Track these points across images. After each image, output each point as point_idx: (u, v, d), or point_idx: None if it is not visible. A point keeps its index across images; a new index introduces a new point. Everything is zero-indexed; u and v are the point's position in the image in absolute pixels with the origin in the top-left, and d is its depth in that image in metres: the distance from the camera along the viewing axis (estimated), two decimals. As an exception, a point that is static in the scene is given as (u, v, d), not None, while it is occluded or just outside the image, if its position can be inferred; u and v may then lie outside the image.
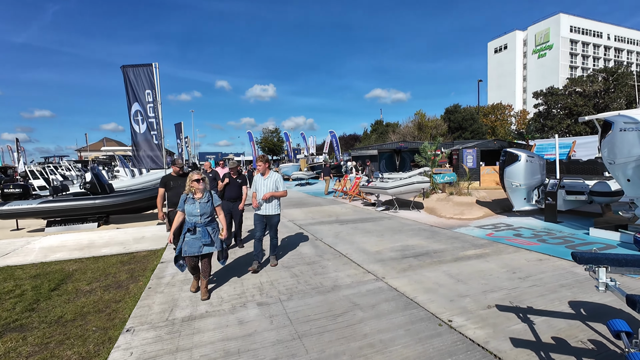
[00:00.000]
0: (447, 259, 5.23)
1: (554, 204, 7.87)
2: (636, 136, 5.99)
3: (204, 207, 3.88)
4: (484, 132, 34.34)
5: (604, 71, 22.96)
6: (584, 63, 71.27)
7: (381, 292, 4.01)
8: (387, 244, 6.30)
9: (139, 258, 5.82)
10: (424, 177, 9.99)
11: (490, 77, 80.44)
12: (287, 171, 26.36)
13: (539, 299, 3.69)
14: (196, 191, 3.89)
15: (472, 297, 3.79)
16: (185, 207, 3.89)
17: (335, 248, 6.07)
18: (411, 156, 20.98)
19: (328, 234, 7.30)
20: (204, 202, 3.90)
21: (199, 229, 3.84)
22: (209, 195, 4.00)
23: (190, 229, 3.82)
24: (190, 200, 3.88)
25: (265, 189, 4.89)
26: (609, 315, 3.27)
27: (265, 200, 4.84)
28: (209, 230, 3.89)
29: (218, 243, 3.97)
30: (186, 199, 3.90)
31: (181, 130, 19.84)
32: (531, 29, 74.45)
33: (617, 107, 20.11)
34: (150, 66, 8.63)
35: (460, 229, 7.42)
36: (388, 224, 8.28)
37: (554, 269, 4.65)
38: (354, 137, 57.45)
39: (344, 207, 11.38)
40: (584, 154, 14.11)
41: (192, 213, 3.83)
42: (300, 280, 4.51)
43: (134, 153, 9.22)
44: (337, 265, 5.12)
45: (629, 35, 75.55)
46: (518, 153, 8.27)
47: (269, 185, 4.90)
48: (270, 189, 4.89)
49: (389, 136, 36.91)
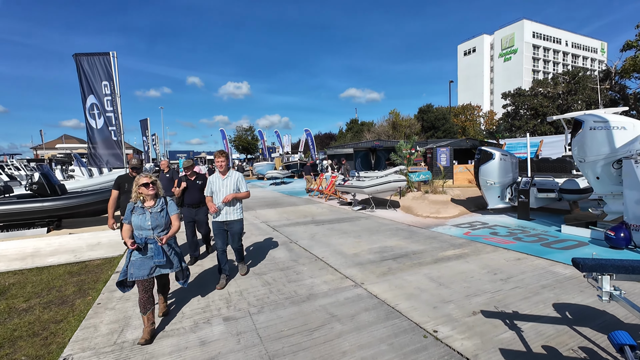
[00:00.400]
0: (427, 261, 5.04)
1: (526, 201, 7.96)
2: (605, 135, 6.10)
3: (157, 218, 3.10)
4: (455, 131, 35.33)
5: (566, 74, 24.34)
6: (545, 67, 75.38)
7: (360, 300, 3.72)
8: (365, 245, 6.05)
9: (91, 267, 5.19)
10: (401, 176, 9.87)
11: (460, 79, 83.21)
12: (261, 170, 25.72)
13: (523, 302, 3.54)
14: (146, 198, 3.13)
15: (456, 302, 3.58)
16: (132, 218, 3.07)
17: (311, 251, 5.73)
18: (386, 155, 21.06)
19: (303, 235, 6.95)
20: (157, 212, 3.12)
21: (152, 245, 3.04)
22: (163, 202, 3.22)
23: (140, 247, 2.98)
24: (138, 210, 3.08)
25: (225, 190, 4.20)
26: (594, 318, 3.16)
27: (225, 203, 4.17)
28: (164, 248, 3.10)
29: (176, 261, 3.22)
30: (133, 209, 3.10)
31: (147, 127, 18.69)
32: (497, 33, 77.73)
33: (578, 108, 21.38)
34: (108, 55, 7.86)
35: (437, 228, 7.32)
36: (365, 224, 8.05)
37: (533, 269, 4.57)
38: (329, 135, 57.40)
39: (320, 207, 11.07)
40: (549, 152, 14.68)
41: (142, 226, 3.04)
42: (273, 288, 4.13)
43: (90, 151, 8.40)
44: (313, 270, 4.78)
45: (585, 42, 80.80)
46: (492, 151, 8.31)
47: (229, 186, 4.22)
48: (231, 190, 4.21)
49: (364, 135, 37.10)
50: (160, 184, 3.27)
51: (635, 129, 6.01)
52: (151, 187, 3.13)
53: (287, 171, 23.20)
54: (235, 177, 4.30)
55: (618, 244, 5.41)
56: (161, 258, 3.05)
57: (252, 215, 9.65)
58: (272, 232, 7.43)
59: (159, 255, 3.05)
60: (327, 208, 10.82)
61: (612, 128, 6.01)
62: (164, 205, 3.22)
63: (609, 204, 6.52)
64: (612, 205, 6.44)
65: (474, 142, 16.88)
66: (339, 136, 51.17)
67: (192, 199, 5.16)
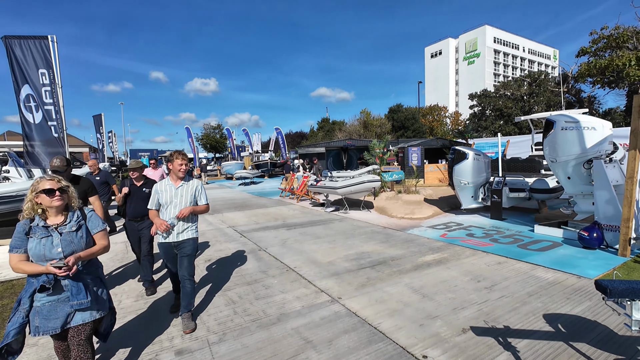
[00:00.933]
0: (407, 268, 4.71)
1: (499, 201, 7.96)
2: (576, 135, 6.12)
3: (73, 241, 2.08)
4: (424, 131, 36.12)
5: (528, 76, 25.64)
6: (505, 71, 79.56)
7: (338, 319, 3.28)
8: (341, 251, 5.64)
9: (18, 288, 4.34)
10: (375, 176, 9.60)
11: (428, 80, 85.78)
12: (229, 170, 24.69)
13: (513, 314, 3.28)
14: (48, 212, 2.10)
15: (443, 318, 3.24)
16: (28, 245, 2.00)
17: (282, 260, 5.22)
18: (358, 154, 20.91)
19: (274, 242, 6.42)
20: (70, 232, 2.09)
21: (66, 282, 2.01)
22: (79, 216, 2.19)
23: (46, 286, 1.94)
24: (39, 232, 2.02)
25: (181, 201, 3.26)
26: (588, 330, 2.95)
27: (180, 219, 3.24)
28: (85, 284, 2.08)
29: (103, 303, 2.20)
30: (29, 231, 2.03)
31: (101, 123, 17.13)
32: (462, 37, 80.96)
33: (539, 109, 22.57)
34: (45, 39, 6.84)
35: (413, 230, 7.09)
36: (339, 227, 7.66)
37: (516, 274, 4.38)
38: (300, 134, 56.81)
39: (291, 209, 10.55)
40: (514, 152, 15.15)
41: (48, 255, 1.99)
42: (238, 308, 3.59)
43: (27, 149, 7.29)
44: (284, 283, 4.29)
45: (540, 49, 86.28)
46: (466, 151, 8.24)
47: (185, 197, 3.28)
48: (188, 202, 3.28)
49: (336, 134, 36.94)
50: (74, 192, 2.22)
51: (604, 129, 6.08)
52: (57, 195, 2.07)
53: (256, 171, 22.39)
54: (193, 185, 3.38)
55: (591, 244, 5.40)
56: (81, 297, 2.02)
57: (218, 219, 8.95)
58: (240, 238, 6.82)
59: (79, 294, 2.02)
60: (299, 210, 10.33)
61: (582, 128, 6.04)
62: (81, 220, 2.18)
63: (579, 204, 6.59)
64: (582, 204, 6.52)
65: (444, 141, 17.13)
66: (310, 135, 50.74)
67: (136, 211, 4.08)
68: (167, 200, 3.26)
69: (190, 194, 3.33)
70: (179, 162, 3.28)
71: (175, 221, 3.23)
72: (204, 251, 5.88)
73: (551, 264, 4.71)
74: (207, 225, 8.23)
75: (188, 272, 3.28)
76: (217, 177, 28.92)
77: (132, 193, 4.11)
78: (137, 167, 4.17)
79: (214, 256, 5.57)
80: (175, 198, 3.26)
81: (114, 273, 4.91)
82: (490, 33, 76.52)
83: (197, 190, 3.38)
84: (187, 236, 3.30)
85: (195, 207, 3.34)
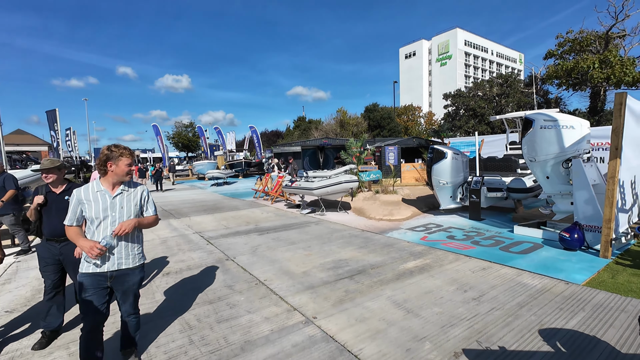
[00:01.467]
0: (389, 277, 4.33)
1: (478, 201, 7.81)
2: (555, 134, 6.01)
3: None
4: (399, 130, 36.46)
5: (500, 77, 26.43)
6: (475, 74, 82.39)
7: (313, 345, 2.82)
8: (316, 259, 5.18)
9: None
10: (352, 176, 9.23)
11: (402, 81, 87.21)
12: (201, 169, 23.62)
13: (506, 331, 2.96)
14: None
15: (431, 339, 2.86)
16: None
17: (251, 272, 4.69)
18: (335, 153, 20.59)
19: (243, 249, 5.86)
20: None
21: None
22: None
23: None
24: None
25: (120, 214, 2.42)
26: (589, 348, 2.66)
27: (119, 238, 2.41)
28: None
29: None
30: None
31: (56, 120, 15.65)
32: (435, 39, 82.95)
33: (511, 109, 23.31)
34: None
35: (392, 233, 6.76)
36: (315, 230, 7.21)
37: (502, 281, 4.10)
38: (276, 133, 55.92)
39: (264, 211, 9.98)
40: (487, 151, 15.33)
41: None
42: (195, 336, 3.04)
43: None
44: (252, 300, 3.77)
45: (507, 52, 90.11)
46: (445, 150, 8.03)
47: (128, 208, 2.46)
48: (132, 213, 2.47)
49: (312, 133, 36.51)
50: None
51: (583, 128, 6.01)
52: None
53: (230, 171, 21.54)
54: (139, 192, 2.56)
55: (572, 246, 5.27)
56: None
57: (184, 224, 8.23)
58: (206, 245, 6.20)
59: None
60: (273, 212, 9.79)
61: (561, 127, 5.93)
62: None
63: (558, 204, 6.52)
64: (561, 204, 6.44)
65: (420, 140, 17.12)
66: (286, 134, 50.00)
67: (55, 227, 2.93)
68: (98, 214, 2.35)
69: (135, 204, 2.50)
70: (125, 163, 2.41)
71: (113, 241, 2.35)
72: (162, 263, 5.23)
73: (536, 269, 4.50)
74: (171, 231, 7.51)
75: (134, 307, 2.59)
76: (189, 178, 27.67)
77: (50, 203, 3.01)
78: (52, 167, 2.97)
79: (173, 269, 4.94)
80: (112, 211, 2.39)
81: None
82: (462, 36, 78.90)
83: (143, 199, 2.58)
84: (132, 263, 2.47)
85: (142, 220, 2.52)
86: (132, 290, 2.54)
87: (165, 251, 5.87)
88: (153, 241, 6.59)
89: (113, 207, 2.41)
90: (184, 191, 17.05)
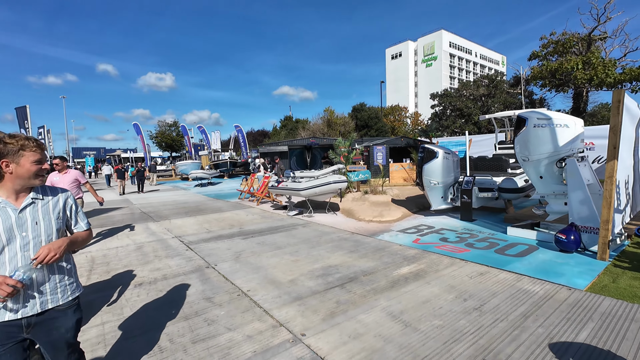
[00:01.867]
0: (382, 285, 4.03)
1: (469, 202, 7.63)
2: (548, 133, 5.86)
3: None
4: (386, 130, 36.48)
5: (485, 77, 26.77)
6: (460, 75, 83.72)
7: (302, 370, 2.48)
8: (305, 265, 4.84)
9: None
10: (341, 176, 8.92)
11: (389, 81, 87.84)
12: (185, 170, 22.86)
13: (514, 346, 2.69)
14: None
15: (434, 359, 2.56)
16: None
17: (234, 281, 4.30)
18: (322, 153, 20.28)
19: (226, 255, 5.46)
20: None
21: None
22: None
23: None
24: None
25: (38, 234, 1.70)
26: (605, 366, 2.42)
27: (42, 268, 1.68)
28: None
29: None
30: None
31: (27, 117, 14.71)
32: (421, 40, 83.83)
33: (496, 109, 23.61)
34: None
35: (384, 236, 6.48)
36: (303, 233, 6.86)
37: (502, 288, 3.86)
38: (262, 132, 55.23)
39: (250, 213, 9.57)
40: (475, 151, 15.33)
41: None
42: (167, 359, 2.65)
43: None
44: (234, 314, 3.40)
45: (490, 55, 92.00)
46: (436, 150, 7.82)
47: (47, 224, 1.73)
48: (53, 231, 1.75)
49: (299, 132, 36.11)
50: None
51: (577, 127, 5.88)
52: None
53: (214, 171, 20.94)
54: (61, 200, 1.84)
55: (569, 248, 5.11)
56: None
57: (162, 228, 7.74)
58: (185, 251, 5.77)
59: None
60: (259, 214, 9.38)
61: (555, 126, 5.78)
62: None
63: (551, 204, 6.38)
64: (555, 205, 6.30)
65: (408, 140, 17.01)
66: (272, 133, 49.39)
67: None
68: (2, 237, 1.61)
69: (56, 217, 1.78)
70: (31, 160, 1.65)
71: (32, 273, 1.61)
72: (135, 272, 4.78)
73: (535, 273, 4.29)
74: (148, 235, 7.02)
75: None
76: (172, 178, 26.83)
77: None
78: None
79: (147, 278, 4.50)
80: (21, 230, 1.65)
81: None
82: (447, 37, 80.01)
83: (68, 208, 1.86)
84: (62, 299, 1.76)
85: (75, 237, 1.85)
86: (65, 340, 1.78)
87: (140, 258, 5.41)
88: (127, 247, 6.10)
89: (21, 224, 1.65)
90: (166, 192, 16.39)
